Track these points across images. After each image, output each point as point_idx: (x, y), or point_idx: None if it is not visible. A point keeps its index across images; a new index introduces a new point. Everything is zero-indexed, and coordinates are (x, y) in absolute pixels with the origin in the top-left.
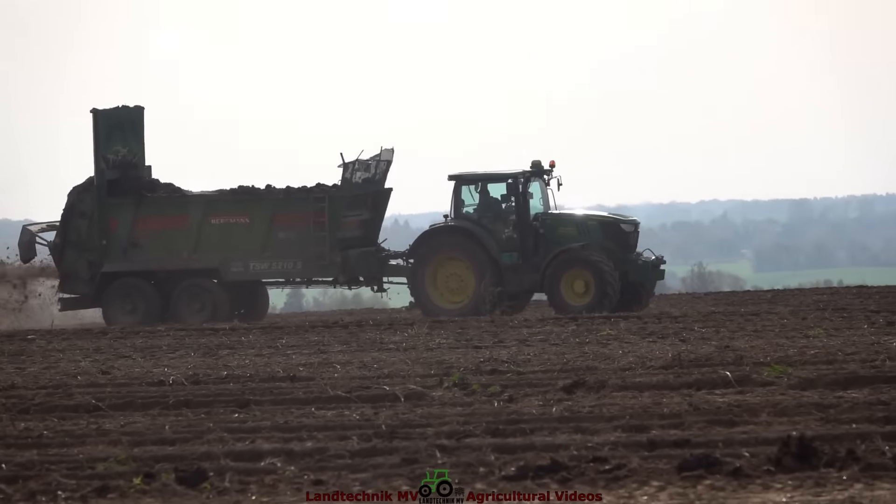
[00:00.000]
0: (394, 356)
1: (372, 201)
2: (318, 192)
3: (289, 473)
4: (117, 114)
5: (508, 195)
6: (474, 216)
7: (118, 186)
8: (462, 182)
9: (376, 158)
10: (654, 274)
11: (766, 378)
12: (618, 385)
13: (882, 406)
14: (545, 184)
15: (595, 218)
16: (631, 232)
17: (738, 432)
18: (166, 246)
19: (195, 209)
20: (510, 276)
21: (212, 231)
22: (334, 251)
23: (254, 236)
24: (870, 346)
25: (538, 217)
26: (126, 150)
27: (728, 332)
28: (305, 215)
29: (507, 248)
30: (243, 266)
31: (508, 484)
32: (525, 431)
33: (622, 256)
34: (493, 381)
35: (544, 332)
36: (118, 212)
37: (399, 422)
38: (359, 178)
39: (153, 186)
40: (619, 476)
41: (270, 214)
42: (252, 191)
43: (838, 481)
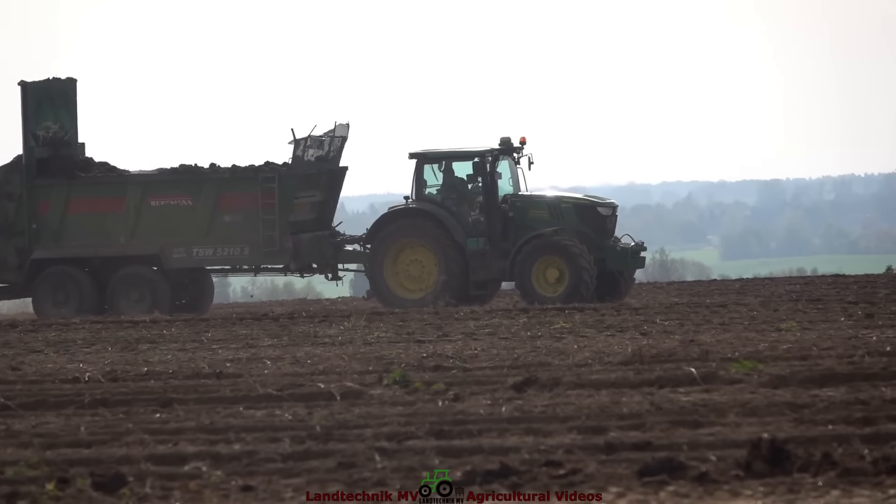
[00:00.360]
0: (329, 351)
1: (326, 181)
2: (268, 172)
3: (215, 479)
4: (48, 86)
5: (475, 175)
6: (437, 198)
7: (49, 166)
8: (424, 160)
9: (330, 134)
10: (634, 262)
11: (734, 375)
12: (573, 383)
13: (861, 406)
14: (515, 162)
15: (569, 200)
16: (608, 216)
17: (704, 434)
18: (102, 231)
19: (133, 190)
20: (477, 264)
21: (151, 214)
22: (285, 236)
23: (197, 220)
24: (847, 340)
25: (507, 199)
26: (57, 125)
27: (693, 326)
28: (253, 197)
29: (474, 233)
30: (186, 252)
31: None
32: (472, 433)
33: (599, 242)
34: (436, 378)
35: (493, 325)
36: (49, 193)
37: (335, 422)
38: (311, 155)
39: (87, 166)
40: (575, 482)
41: (215, 196)
42: (195, 170)
43: (813, 487)
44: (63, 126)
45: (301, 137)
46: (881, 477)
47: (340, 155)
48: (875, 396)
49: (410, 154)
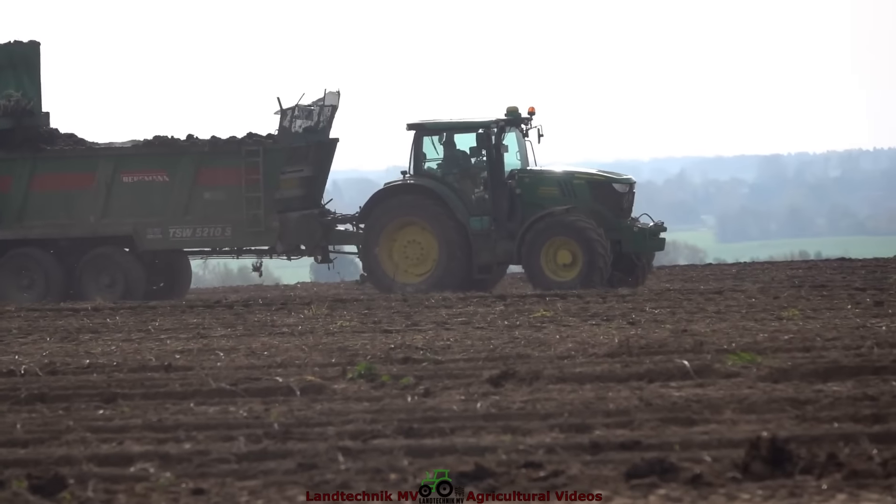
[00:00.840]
0: (288, 342)
1: (315, 154)
2: (251, 144)
3: (163, 481)
4: (9, 50)
5: (479, 148)
6: (438, 173)
7: (10, 138)
8: (423, 132)
9: (319, 103)
10: (653, 243)
11: (730, 368)
12: (554, 376)
13: (869, 402)
14: (523, 135)
15: (582, 176)
16: (625, 193)
17: (698, 433)
18: (69, 209)
19: (104, 165)
20: (481, 245)
21: (124, 191)
22: (270, 214)
23: (174, 197)
24: (854, 330)
25: (514, 174)
26: (19, 93)
27: (686, 314)
28: (236, 172)
29: (477, 212)
30: (161, 233)
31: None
32: (444, 431)
33: (614, 222)
34: (405, 371)
35: (467, 314)
36: (11, 168)
37: (294, 420)
38: (299, 126)
39: (51, 138)
40: (557, 485)
41: (194, 171)
42: (172, 143)
43: (817, 491)
44: (25, 94)
45: (288, 107)
46: (891, 479)
47: (330, 126)
48: (885, 391)
49: (408, 125)
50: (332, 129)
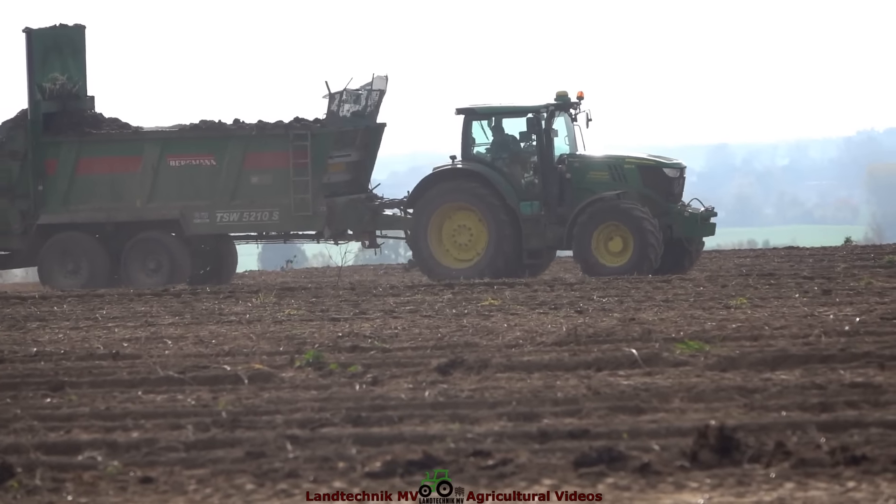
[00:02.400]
0: (235, 330)
1: (362, 139)
2: (299, 129)
3: (111, 469)
4: (55, 34)
5: (529, 133)
6: (487, 158)
7: (56, 121)
8: (473, 117)
9: (367, 88)
10: (704, 228)
11: (678, 357)
12: (502, 365)
13: (817, 390)
14: (572, 119)
15: (633, 161)
16: (676, 178)
17: (646, 421)
18: (115, 193)
19: (151, 149)
20: (530, 230)
21: (170, 175)
22: (318, 199)
23: (221, 181)
24: (802, 318)
25: (564, 159)
26: (65, 77)
27: (633, 303)
28: (284, 156)
29: (527, 196)
30: (209, 217)
31: (373, 482)
32: (392, 420)
33: (665, 207)
34: (353, 359)
35: (414, 302)
36: (57, 152)
37: (242, 408)
38: (347, 111)
39: (96, 122)
40: (505, 473)
41: (241, 155)
42: (219, 127)
43: (765, 480)
44: (71, 78)
45: (336, 91)
46: (839, 468)
47: (378, 110)
48: (832, 380)
49: (458, 109)
50: (379, 113)
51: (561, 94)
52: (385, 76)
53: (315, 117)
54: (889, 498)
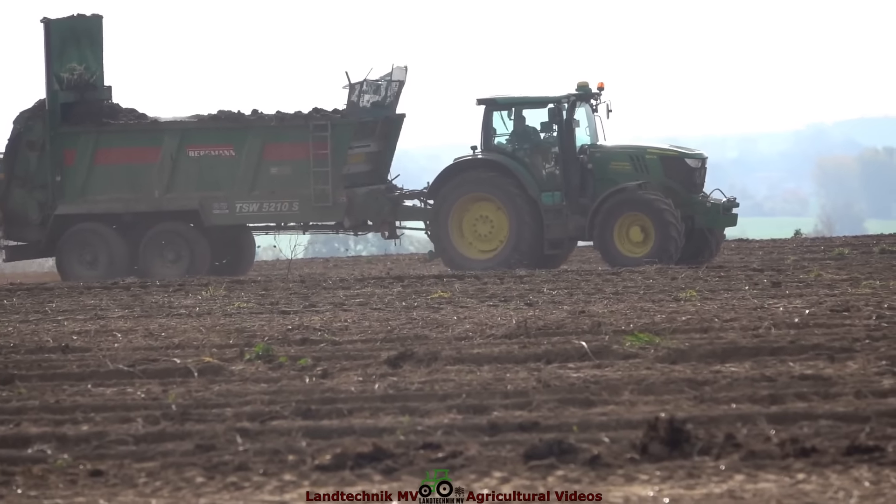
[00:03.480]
0: (185, 323)
1: (381, 129)
2: (319, 119)
3: (61, 462)
4: (72, 24)
5: (550, 123)
6: (508, 148)
7: (74, 112)
8: (494, 107)
9: (387, 78)
10: (726, 219)
11: (628, 349)
12: (452, 357)
13: (767, 382)
14: (593, 110)
15: (654, 151)
16: (697, 168)
17: (596, 414)
18: (134, 184)
19: (170, 139)
20: (552, 220)
21: (189, 166)
22: (338, 190)
23: (241, 172)
24: (752, 311)
25: (585, 149)
26: (83, 67)
27: (583, 295)
28: (303, 146)
29: (548, 187)
30: (228, 208)
31: (323, 475)
32: (342, 413)
33: (687, 198)
34: (303, 352)
35: (364, 295)
36: (75, 142)
37: (192, 401)
38: (367, 101)
39: (113, 112)
40: (455, 465)
41: (260, 146)
42: (238, 117)
43: (715, 472)
44: (88, 68)
45: (356, 81)
46: (789, 460)
47: (398, 101)
48: (782, 372)
49: (479, 100)
50: (398, 104)
51: (582, 85)
52: (405, 67)
53: (334, 108)
54: (839, 490)
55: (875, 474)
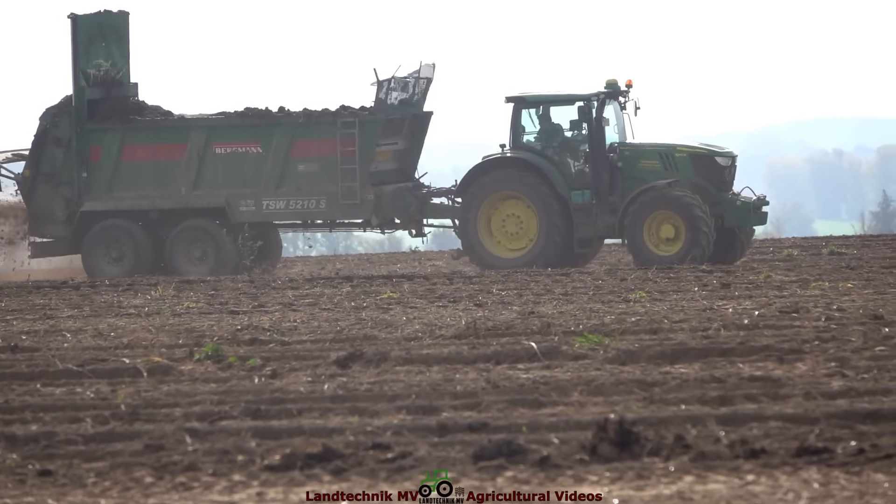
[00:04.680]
0: (134, 323)
1: (409, 127)
2: (347, 116)
3: (10, 462)
4: (99, 20)
5: (579, 121)
6: (537, 146)
7: (101, 108)
8: (523, 105)
9: (415, 75)
10: (756, 218)
11: (577, 350)
12: (401, 358)
13: (716, 384)
14: (621, 108)
15: (684, 149)
16: (727, 167)
17: (546, 415)
18: (160, 180)
19: (196, 136)
20: (582, 219)
21: (216, 163)
22: (366, 187)
23: (268, 169)
24: (701, 312)
25: (615, 147)
26: (109, 63)
27: (533, 296)
28: (331, 143)
29: (578, 185)
30: (255, 205)
31: (272, 475)
32: (291, 413)
33: (717, 196)
34: (252, 352)
35: (313, 295)
36: (101, 138)
37: (141, 401)
38: (395, 98)
39: (139, 109)
40: (404, 466)
41: (288, 143)
42: (265, 114)
43: (665, 473)
44: (115, 64)
45: (384, 79)
46: (738, 461)
47: (425, 98)
48: (731, 374)
49: (507, 98)
50: (426, 101)
51: (611, 83)
52: (432, 64)
53: (361, 105)
54: (788, 491)
55: (824, 476)
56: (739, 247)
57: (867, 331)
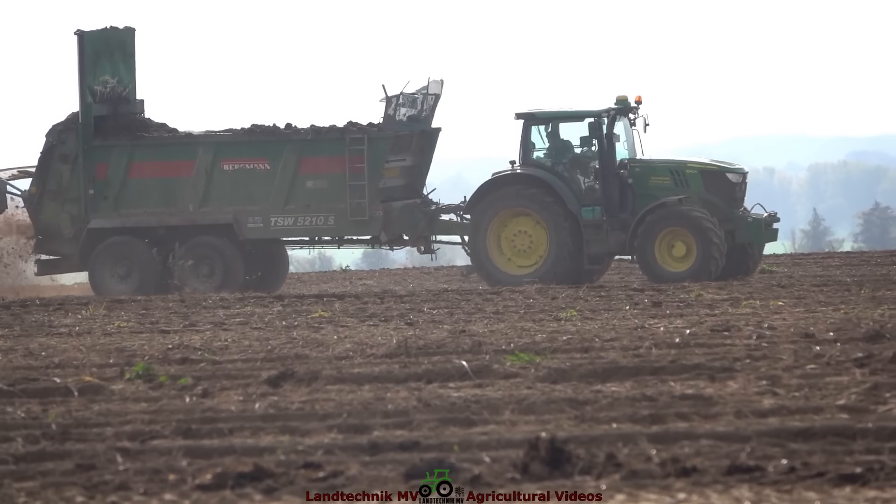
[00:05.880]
0: (65, 342)
1: (417, 143)
2: (356, 133)
3: None
4: (105, 36)
5: (590, 137)
6: (547, 163)
7: (107, 124)
8: (533, 121)
9: (423, 91)
10: (767, 234)
11: (509, 369)
12: (333, 377)
13: (648, 402)
14: (630, 124)
15: (695, 166)
16: (738, 183)
17: (477, 433)
18: (168, 197)
19: (204, 153)
20: (592, 236)
21: (224, 179)
22: (374, 204)
23: (276, 186)
24: (632, 330)
25: (625, 164)
26: (115, 80)
27: (464, 315)
28: (339, 160)
29: (588, 202)
30: (262, 221)
31: (203, 494)
32: (223, 432)
33: (728, 213)
34: (183, 371)
35: (244, 314)
36: (108, 155)
37: (72, 420)
38: (403, 115)
39: (145, 126)
40: (336, 485)
41: (296, 159)
42: (274, 131)
43: (596, 491)
44: (121, 81)
45: (393, 95)
46: (670, 479)
47: (433, 115)
48: (663, 392)
49: (517, 114)
50: (434, 118)
51: (621, 99)
52: (440, 80)
53: (369, 121)
54: None
55: (755, 494)
56: (751, 263)
57: (798, 349)
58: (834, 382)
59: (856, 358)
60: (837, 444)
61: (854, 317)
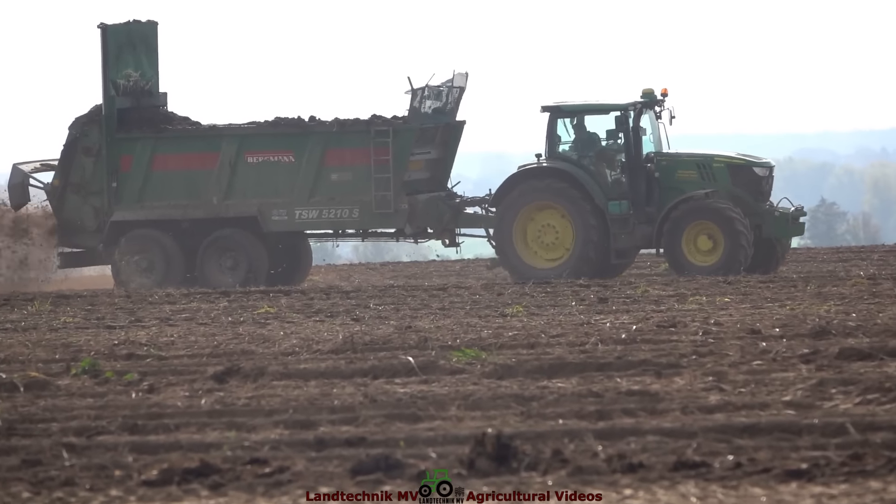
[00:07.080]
0: (11, 337)
1: (442, 136)
2: (381, 125)
3: None
4: (127, 30)
5: (616, 131)
6: (573, 156)
7: (130, 117)
8: (559, 114)
9: (448, 84)
10: (794, 228)
11: (455, 365)
12: (279, 373)
13: (594, 398)
14: (656, 117)
15: (722, 159)
16: (765, 177)
17: (423, 429)
18: (191, 190)
19: (228, 145)
20: (619, 229)
21: (248, 172)
22: (400, 196)
23: (300, 178)
24: (578, 326)
25: (652, 157)
26: (138, 73)
27: (410, 311)
28: (364, 152)
29: (615, 195)
30: (287, 214)
31: (149, 490)
32: (169, 427)
33: (754, 206)
34: (129, 367)
35: (190, 310)
36: (132, 148)
37: (18, 416)
38: (428, 107)
39: (168, 120)
40: (282, 481)
41: (321, 152)
42: (298, 123)
43: (542, 487)
44: (144, 74)
45: (418, 87)
46: (616, 476)
47: (458, 108)
48: (609, 388)
49: (543, 107)
50: (459, 110)
51: (647, 92)
52: (465, 73)
53: (393, 114)
54: None
55: (702, 490)
56: (777, 257)
57: (744, 345)
58: (780, 378)
59: (802, 354)
60: (783, 440)
61: (800, 313)
